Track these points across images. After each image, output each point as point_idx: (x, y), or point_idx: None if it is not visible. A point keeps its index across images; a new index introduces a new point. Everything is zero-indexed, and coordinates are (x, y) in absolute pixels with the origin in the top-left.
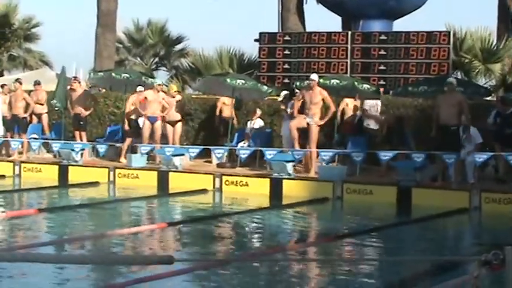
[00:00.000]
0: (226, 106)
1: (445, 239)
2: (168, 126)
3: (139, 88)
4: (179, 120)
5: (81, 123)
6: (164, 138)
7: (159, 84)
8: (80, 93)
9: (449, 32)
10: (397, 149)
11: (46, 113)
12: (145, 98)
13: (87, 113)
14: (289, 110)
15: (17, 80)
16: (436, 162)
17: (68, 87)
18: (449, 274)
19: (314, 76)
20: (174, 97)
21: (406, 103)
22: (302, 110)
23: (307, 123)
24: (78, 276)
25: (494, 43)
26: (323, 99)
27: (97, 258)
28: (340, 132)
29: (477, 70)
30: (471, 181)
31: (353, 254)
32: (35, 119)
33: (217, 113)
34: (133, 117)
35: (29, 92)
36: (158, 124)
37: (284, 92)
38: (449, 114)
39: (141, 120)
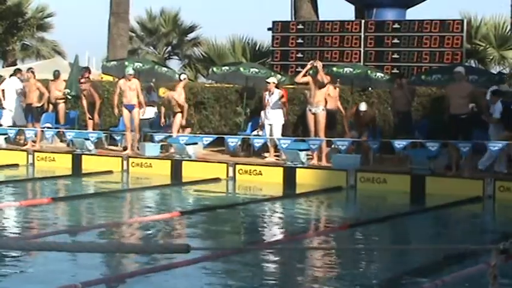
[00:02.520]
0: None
1: (459, 228)
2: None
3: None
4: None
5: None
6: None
7: (130, 74)
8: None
9: (462, 20)
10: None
11: (64, 102)
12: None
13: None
14: (267, 98)
15: (30, 70)
16: (449, 151)
17: (80, 77)
18: (463, 263)
19: (319, 64)
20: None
21: (419, 92)
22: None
23: (313, 113)
24: (93, 265)
25: (508, 30)
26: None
27: (112, 247)
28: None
29: (491, 57)
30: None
31: (367, 243)
32: (51, 108)
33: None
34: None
35: (43, 81)
36: (135, 111)
37: (273, 78)
38: (460, 103)
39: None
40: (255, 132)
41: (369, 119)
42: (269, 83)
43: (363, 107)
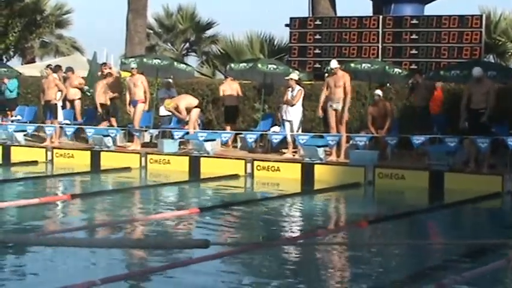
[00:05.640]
0: None
1: (478, 224)
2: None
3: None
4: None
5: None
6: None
7: (133, 68)
8: (112, 80)
9: (481, 16)
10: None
11: (79, 98)
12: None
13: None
14: (289, 94)
15: (48, 66)
16: (467, 146)
17: (99, 73)
18: (483, 259)
19: (334, 63)
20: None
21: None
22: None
23: (334, 109)
24: (112, 261)
25: None
26: (344, 83)
27: (131, 243)
28: None
29: (510, 52)
30: None
31: (385, 239)
32: (68, 105)
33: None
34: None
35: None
36: (138, 107)
37: (294, 75)
38: (480, 99)
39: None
40: (273, 129)
41: (384, 111)
42: (289, 79)
43: (378, 91)
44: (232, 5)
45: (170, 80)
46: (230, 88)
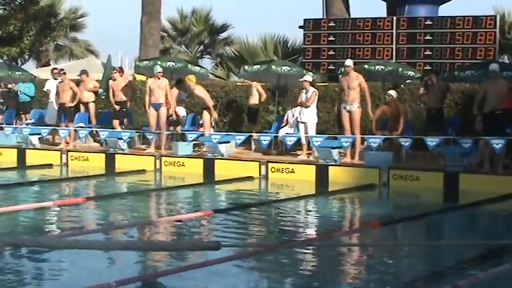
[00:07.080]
0: None
1: (493, 225)
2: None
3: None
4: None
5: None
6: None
7: (159, 72)
8: (122, 83)
9: (495, 16)
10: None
11: (93, 101)
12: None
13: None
14: (303, 96)
15: (61, 70)
16: (482, 147)
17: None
18: (498, 261)
19: (349, 61)
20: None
21: (452, 88)
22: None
23: (348, 111)
24: (126, 264)
25: None
26: (359, 84)
27: (144, 245)
28: None
29: None
30: None
31: (400, 240)
32: (82, 108)
33: None
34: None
35: (77, 81)
36: (162, 110)
37: (308, 76)
38: (495, 100)
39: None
40: (286, 130)
41: (397, 111)
42: (303, 81)
43: (391, 92)
44: (246, 7)
45: None
46: (259, 90)
